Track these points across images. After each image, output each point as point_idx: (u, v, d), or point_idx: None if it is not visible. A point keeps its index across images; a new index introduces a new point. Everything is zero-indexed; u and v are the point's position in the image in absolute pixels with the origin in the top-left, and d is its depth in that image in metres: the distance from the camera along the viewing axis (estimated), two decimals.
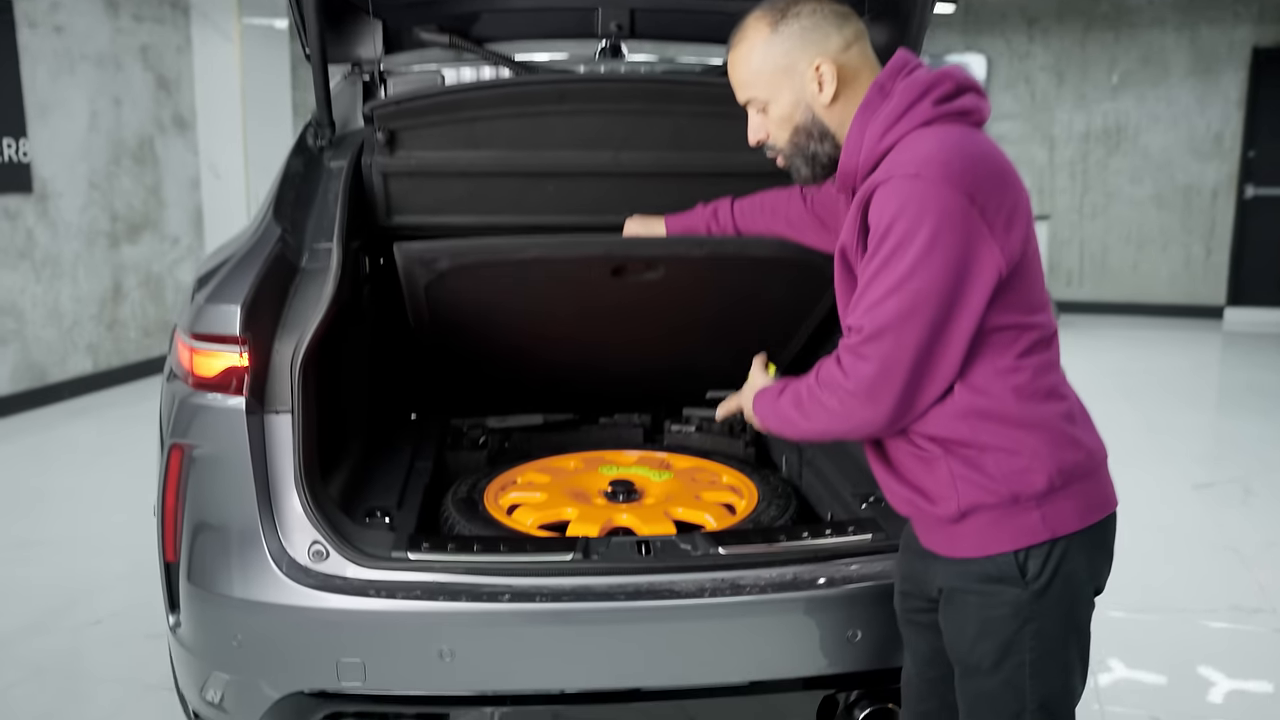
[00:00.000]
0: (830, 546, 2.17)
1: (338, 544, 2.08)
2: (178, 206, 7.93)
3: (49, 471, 5.45)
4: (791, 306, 2.78)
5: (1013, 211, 1.60)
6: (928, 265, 1.53)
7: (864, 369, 1.61)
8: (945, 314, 1.57)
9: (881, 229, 1.59)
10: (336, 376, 2.47)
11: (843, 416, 1.67)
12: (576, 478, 2.81)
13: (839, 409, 1.67)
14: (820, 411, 1.70)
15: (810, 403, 1.72)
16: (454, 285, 2.46)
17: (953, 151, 1.59)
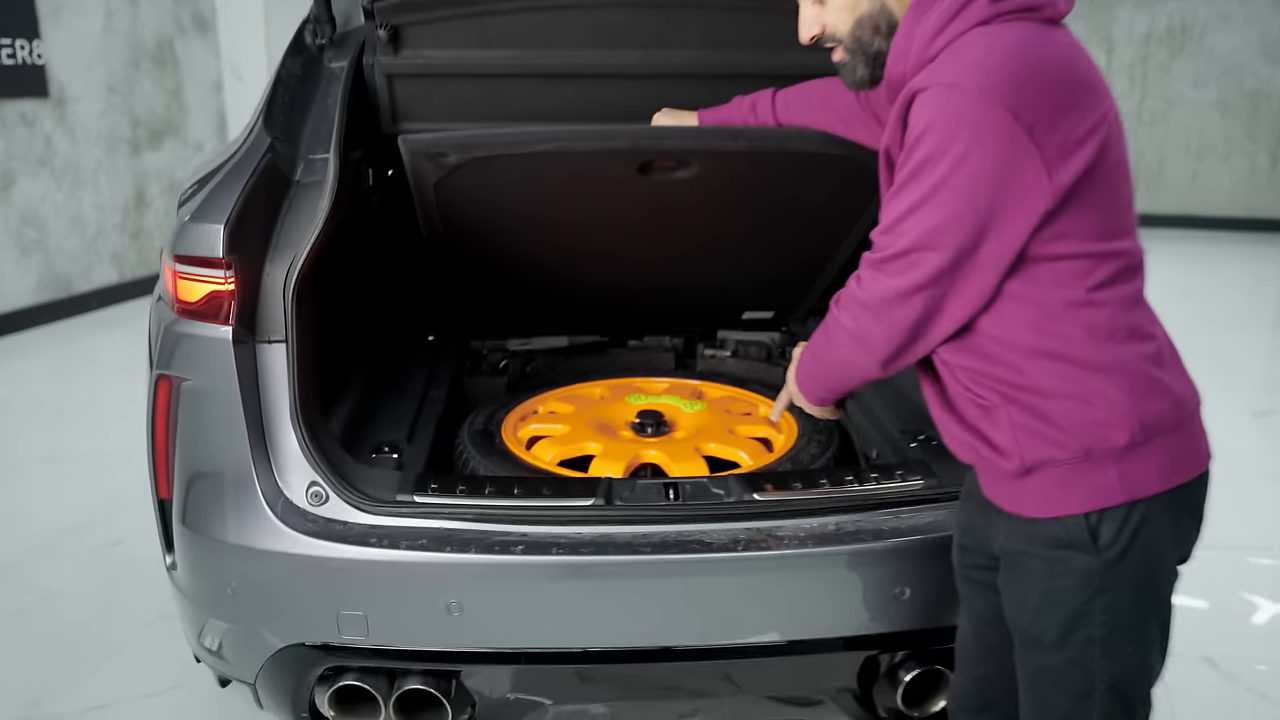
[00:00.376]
0: (878, 494, 1.97)
1: (338, 486, 1.91)
2: (200, 111, 7.70)
3: (74, 385, 5.35)
4: (838, 210, 2.53)
5: (1080, 131, 1.37)
6: (954, 186, 1.36)
7: (879, 284, 1.46)
8: (973, 240, 1.39)
9: (912, 140, 1.40)
10: (339, 299, 2.28)
11: (856, 337, 1.52)
12: (602, 408, 2.61)
13: (853, 327, 1.52)
14: (839, 334, 1.56)
15: (833, 327, 1.57)
16: (465, 184, 2.23)
17: (1001, 59, 1.36)
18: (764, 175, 2.33)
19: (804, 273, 2.85)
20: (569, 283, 2.76)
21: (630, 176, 2.25)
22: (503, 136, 2.10)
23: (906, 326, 1.47)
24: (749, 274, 2.83)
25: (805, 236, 2.63)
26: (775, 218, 2.52)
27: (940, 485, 1.99)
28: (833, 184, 2.36)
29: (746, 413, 2.61)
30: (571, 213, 2.43)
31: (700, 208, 2.44)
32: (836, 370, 1.65)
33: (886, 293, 1.46)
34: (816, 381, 1.73)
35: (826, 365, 1.66)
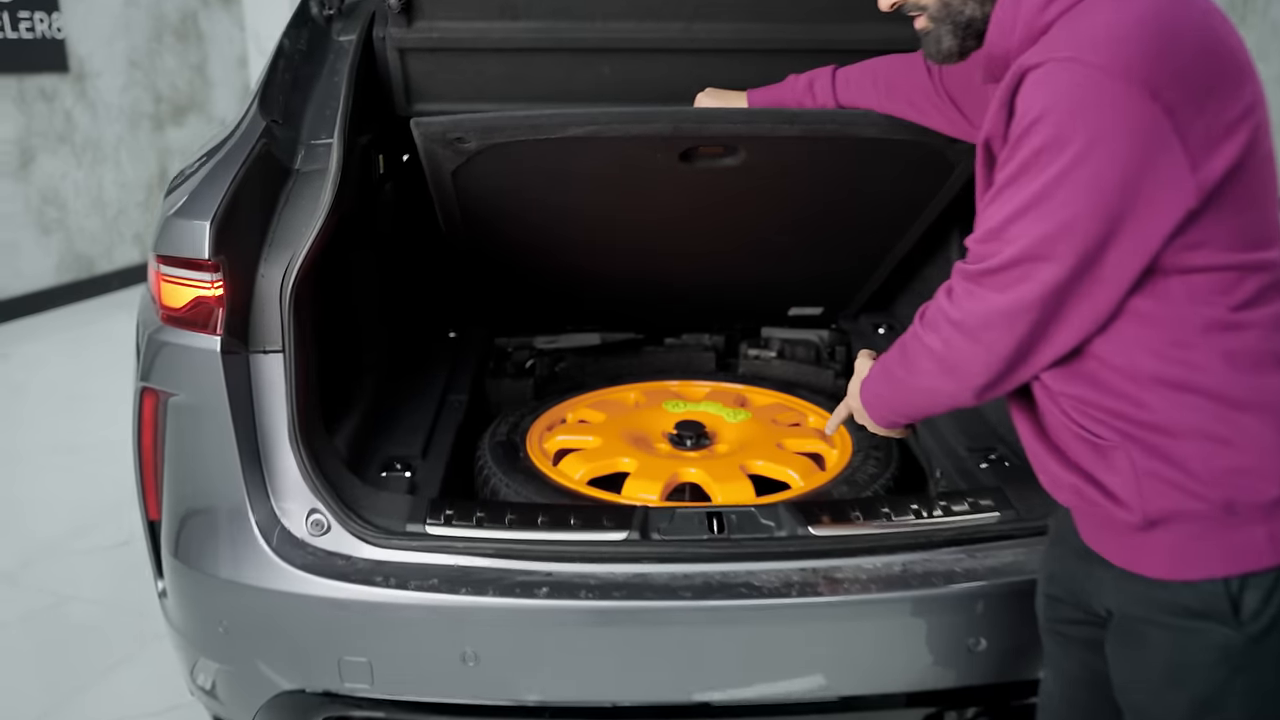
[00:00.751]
0: (949, 529, 1.74)
1: (341, 514, 1.70)
2: (224, 86, 7.51)
3: (88, 369, 5.19)
4: (902, 200, 2.28)
5: (1230, 115, 1.13)
6: (1075, 183, 1.13)
7: (979, 301, 1.24)
8: (1096, 249, 1.15)
9: (1023, 127, 1.16)
10: (345, 301, 2.06)
11: (946, 362, 1.30)
12: (637, 416, 2.39)
13: (943, 350, 1.30)
14: (924, 357, 1.34)
15: (915, 348, 1.36)
16: (486, 171, 2.01)
17: (1133, 26, 1.12)
18: (820, 163, 2.08)
19: (859, 267, 2.60)
20: (601, 277, 2.53)
21: (671, 164, 2.02)
22: (528, 119, 1.87)
23: (1009, 351, 1.24)
24: (797, 268, 2.59)
25: (863, 229, 2.38)
26: (831, 209, 2.28)
27: (1020, 519, 1.76)
28: (898, 172, 2.12)
29: (795, 423, 2.38)
30: (605, 203, 2.20)
31: (747, 198, 2.20)
32: (916, 396, 1.42)
33: (988, 311, 1.22)
34: (889, 406, 1.50)
35: (905, 390, 1.43)
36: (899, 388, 1.44)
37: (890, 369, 1.45)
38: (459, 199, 2.11)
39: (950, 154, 2.01)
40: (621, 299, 2.67)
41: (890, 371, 1.45)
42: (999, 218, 1.19)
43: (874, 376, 1.52)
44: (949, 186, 2.17)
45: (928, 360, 1.33)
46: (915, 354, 1.36)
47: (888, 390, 1.48)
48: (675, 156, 2.01)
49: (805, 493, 2.02)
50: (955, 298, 1.27)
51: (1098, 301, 1.18)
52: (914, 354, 1.36)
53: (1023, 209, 1.17)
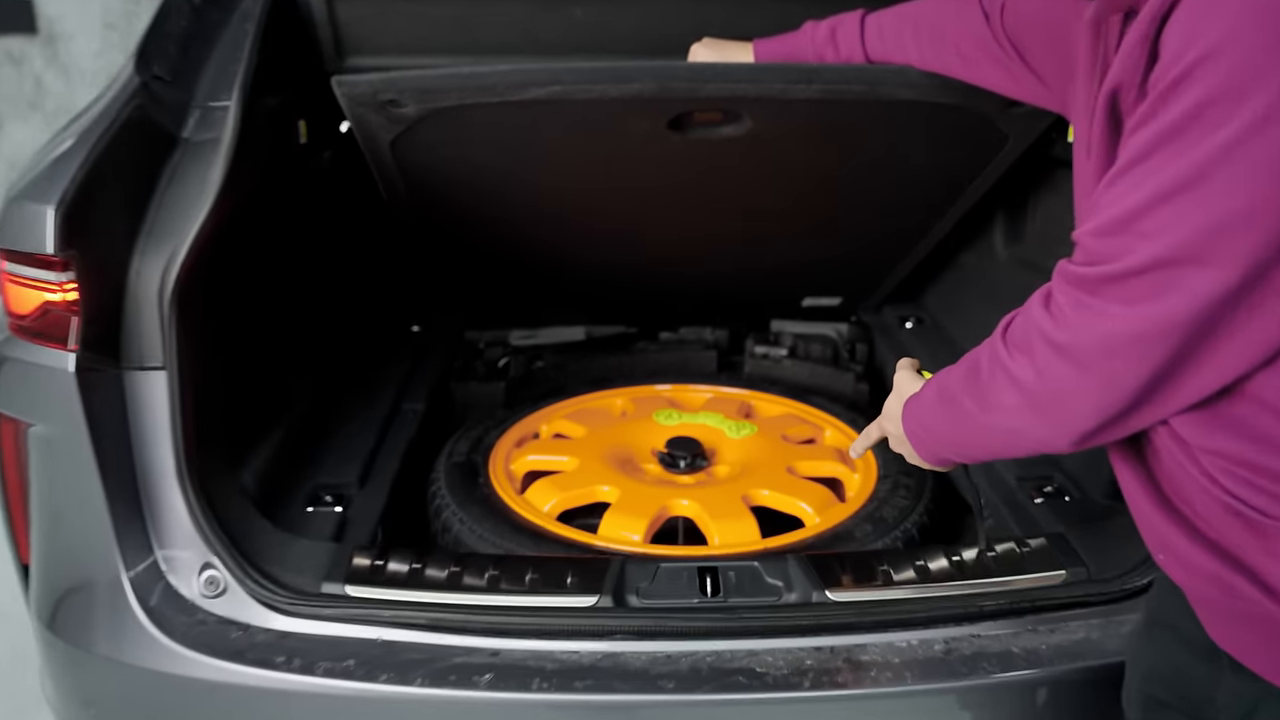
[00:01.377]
0: (1003, 592, 1.39)
1: (240, 569, 1.36)
2: None
3: None
4: (942, 175, 1.90)
5: None
6: (1254, 157, 0.77)
7: (1096, 318, 0.88)
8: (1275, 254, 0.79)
9: (1176, 73, 0.79)
10: (262, 297, 1.70)
11: (1040, 399, 0.95)
12: (623, 429, 2.03)
13: (1034, 381, 0.94)
14: (1006, 388, 0.98)
15: (992, 373, 1.00)
16: (432, 142, 1.65)
17: None
18: (843, 132, 1.71)
19: (885, 253, 2.23)
20: (583, 261, 2.16)
21: (658, 133, 1.65)
22: (477, 78, 1.50)
23: (1134, 387, 0.88)
24: (812, 251, 2.22)
25: (893, 211, 2.01)
26: (854, 187, 1.90)
27: (1092, 579, 1.40)
28: (938, 144, 1.74)
29: (809, 439, 2.02)
30: (581, 179, 1.83)
31: (753, 174, 1.83)
32: (988, 436, 1.06)
33: (1109, 333, 0.87)
34: (944, 442, 1.14)
35: (971, 427, 1.06)
36: (963, 422, 1.07)
37: (952, 395, 1.08)
38: (403, 174, 1.74)
39: (1003, 122, 1.64)
40: (609, 286, 2.31)
41: (952, 399, 1.08)
42: (1130, 203, 0.83)
43: (926, 402, 1.16)
44: (999, 161, 1.79)
45: (1012, 393, 0.97)
46: (994, 382, 1.00)
47: (946, 424, 1.12)
48: (663, 124, 1.64)
49: (821, 533, 1.66)
50: (1058, 311, 0.90)
51: (1269, 324, 0.82)
52: (991, 382, 1.00)
53: (1169, 191, 0.80)
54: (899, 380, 1.27)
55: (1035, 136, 1.71)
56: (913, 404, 1.18)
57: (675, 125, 1.65)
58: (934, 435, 1.15)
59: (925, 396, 1.16)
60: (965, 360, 1.07)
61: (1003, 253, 2.17)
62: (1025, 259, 2.10)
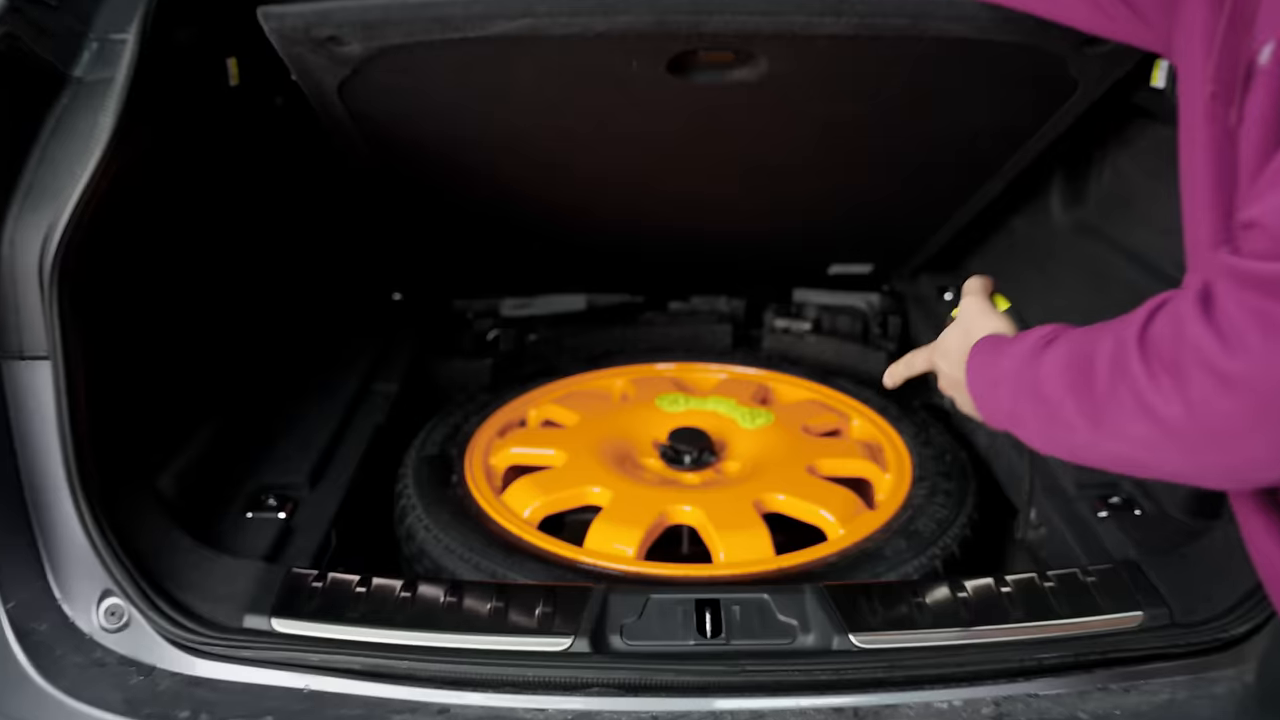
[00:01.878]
0: (1066, 638, 1.14)
1: (143, 598, 1.13)
2: None
3: None
4: (996, 129, 1.62)
5: None
6: None
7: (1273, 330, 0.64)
8: None
9: None
10: (180, 267, 1.46)
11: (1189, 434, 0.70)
12: (621, 416, 1.80)
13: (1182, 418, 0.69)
14: (1135, 417, 0.73)
15: (1114, 391, 0.75)
16: (387, 87, 1.40)
17: None
18: (880, 74, 1.43)
19: (925, 216, 1.95)
20: (579, 222, 1.90)
21: (657, 78, 1.38)
22: (431, 8, 1.23)
23: None
24: (841, 213, 1.95)
25: (936, 167, 1.73)
26: (891, 139, 1.63)
27: (1176, 623, 1.15)
28: (995, 88, 1.47)
29: (833, 430, 1.77)
30: (568, 130, 1.57)
31: (771, 125, 1.56)
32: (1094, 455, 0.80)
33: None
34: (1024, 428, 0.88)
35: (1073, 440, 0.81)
36: (1061, 431, 0.82)
37: (1047, 396, 0.83)
38: (357, 125, 1.49)
39: (1076, 64, 1.36)
40: (609, 248, 2.04)
41: (1046, 400, 0.83)
42: None
43: (1006, 379, 0.90)
44: (1065, 112, 1.51)
45: (1144, 423, 0.72)
46: (1117, 403, 0.75)
47: (1034, 419, 0.86)
48: (662, 66, 1.37)
49: (845, 549, 1.42)
50: (1229, 325, 0.65)
51: None
52: (1113, 401, 0.75)
53: None
54: (967, 310, 1.03)
55: (1112, 82, 1.42)
56: (985, 362, 0.93)
57: (677, 68, 1.38)
58: (1012, 418, 0.89)
59: (1006, 368, 0.90)
60: (1068, 348, 0.81)
61: (1061, 217, 1.88)
62: (1087, 224, 1.82)
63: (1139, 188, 1.66)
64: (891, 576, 1.35)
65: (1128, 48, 1.25)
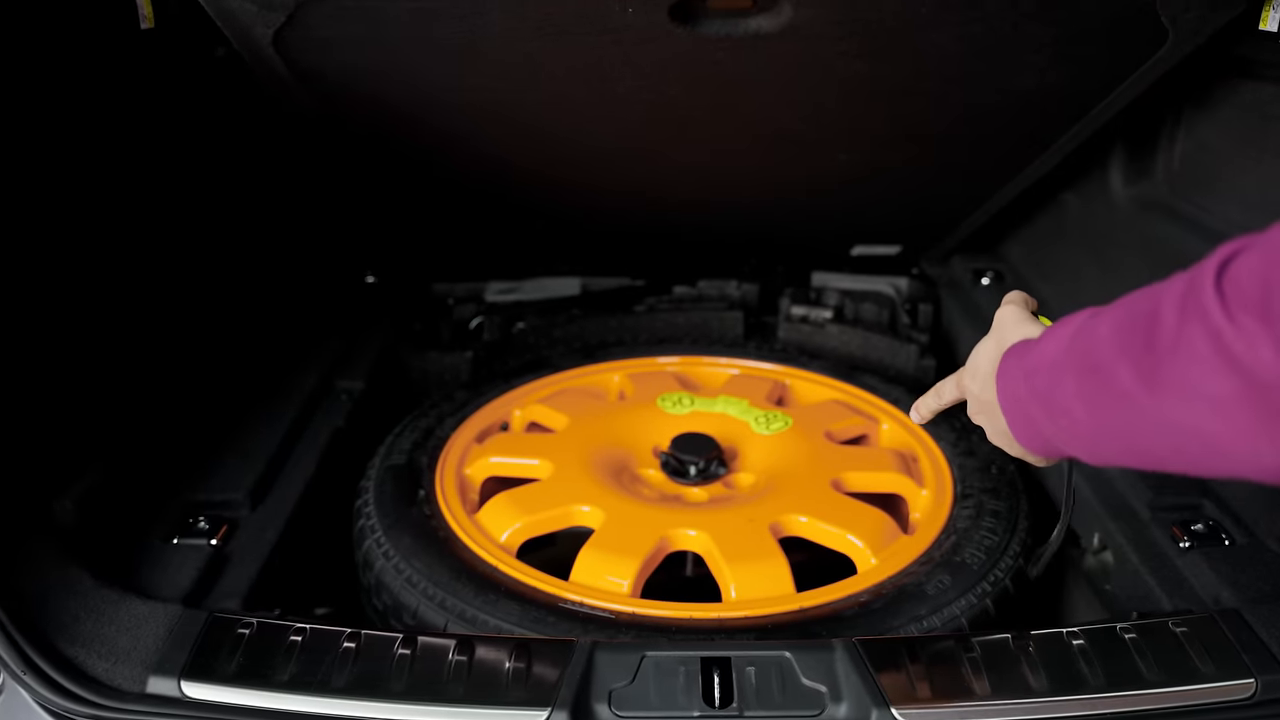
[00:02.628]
0: (1156, 714, 0.92)
1: (20, 658, 0.92)
2: None
3: None
4: (1062, 90, 1.38)
5: None
6: None
7: None
8: None
9: None
10: (76, 247, 1.23)
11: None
12: (617, 418, 1.58)
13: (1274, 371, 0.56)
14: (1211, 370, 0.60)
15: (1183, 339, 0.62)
16: (331, 39, 1.18)
17: None
18: (924, 24, 1.20)
19: (967, 190, 1.72)
20: (571, 195, 1.68)
21: (657, 26, 1.15)
22: None
23: None
24: (867, 188, 1.72)
25: (985, 136, 1.50)
26: (933, 103, 1.40)
27: None
28: (1067, 41, 1.23)
29: (859, 436, 1.54)
30: (552, 89, 1.34)
31: (791, 86, 1.33)
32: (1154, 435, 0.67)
33: None
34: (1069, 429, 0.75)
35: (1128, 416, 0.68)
36: (1114, 407, 0.68)
37: (1097, 360, 0.70)
38: (302, 84, 1.26)
39: (1169, 9, 1.13)
40: (607, 225, 1.82)
41: (1096, 367, 0.70)
42: None
43: (1046, 360, 0.77)
44: (1149, 70, 1.27)
45: (1223, 377, 0.59)
46: (1186, 354, 0.62)
47: (1080, 402, 0.72)
48: (663, 11, 1.14)
49: (880, 583, 1.20)
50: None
51: None
52: (1181, 352, 0.62)
53: None
54: (1001, 320, 0.90)
55: (1211, 33, 1.18)
56: (1019, 359, 0.81)
57: (681, 14, 1.15)
58: (1056, 417, 0.76)
59: (1046, 351, 0.78)
60: (1126, 304, 0.70)
61: (1121, 191, 1.64)
62: (1155, 201, 1.58)
63: (1223, 157, 1.42)
64: (935, 620, 1.13)
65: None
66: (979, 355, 0.90)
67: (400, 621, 1.17)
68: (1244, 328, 0.58)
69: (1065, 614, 1.36)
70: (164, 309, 1.37)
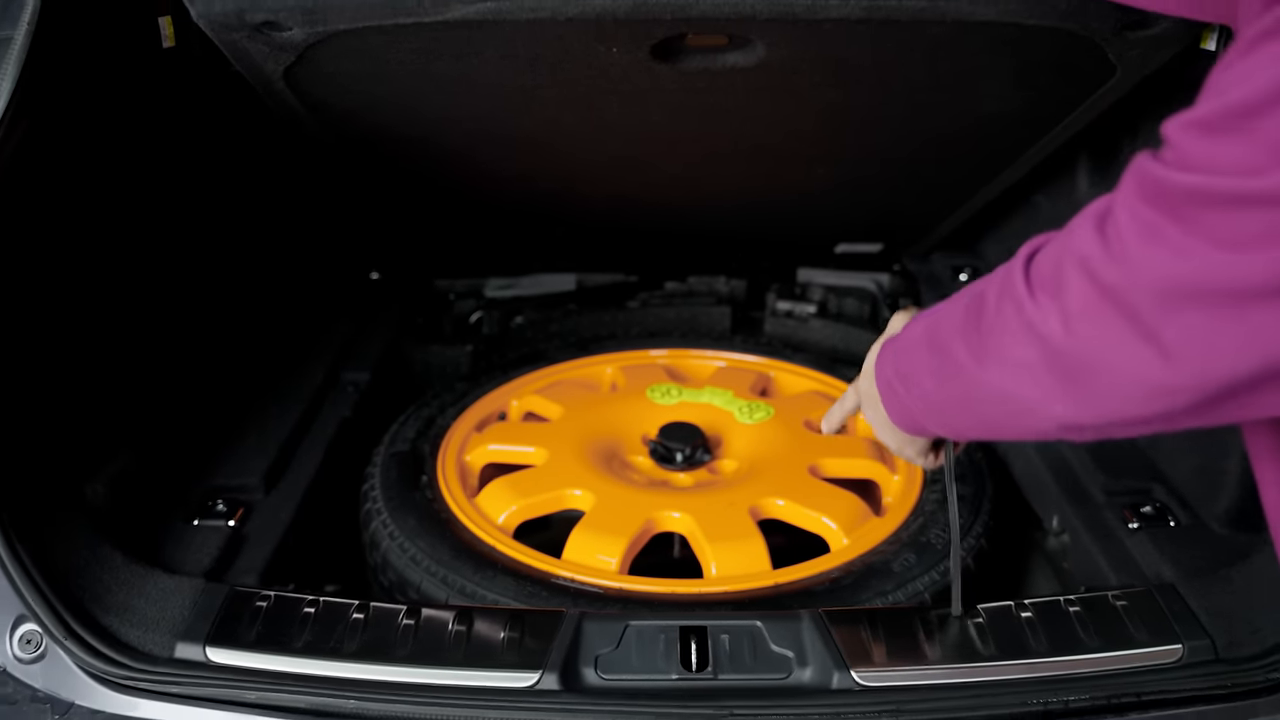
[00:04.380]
0: (1093, 676, 1.01)
1: (61, 624, 1.02)
2: None
3: None
4: (1023, 116, 1.48)
5: None
6: None
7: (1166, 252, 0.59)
8: None
9: None
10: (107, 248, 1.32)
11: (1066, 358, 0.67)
12: (609, 409, 1.66)
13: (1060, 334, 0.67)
14: (1017, 339, 0.71)
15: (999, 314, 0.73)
16: (338, 73, 1.26)
17: None
18: (893, 61, 1.29)
19: (940, 198, 1.82)
20: (566, 204, 1.77)
21: (640, 65, 1.24)
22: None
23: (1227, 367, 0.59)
24: (849, 196, 1.81)
25: (953, 154, 1.60)
26: (905, 127, 1.49)
27: (1220, 658, 1.02)
28: (1023, 75, 1.33)
29: None
30: (546, 118, 1.42)
31: (770, 113, 1.43)
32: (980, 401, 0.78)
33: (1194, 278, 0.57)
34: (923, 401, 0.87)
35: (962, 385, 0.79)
36: (952, 377, 0.80)
37: (941, 338, 0.81)
38: (310, 112, 1.35)
39: (1115, 49, 1.22)
40: (600, 228, 1.91)
41: (941, 344, 0.81)
42: (1263, 82, 0.53)
43: (907, 344, 0.89)
44: (1100, 98, 1.37)
45: (1025, 344, 0.70)
46: (1001, 325, 0.72)
47: (929, 375, 0.84)
48: (645, 51, 1.22)
49: (849, 561, 1.29)
50: (1115, 236, 0.61)
51: None
52: (998, 324, 0.72)
53: None
54: (890, 324, 1.00)
55: (1154, 68, 1.28)
56: (890, 346, 0.92)
57: (662, 53, 1.24)
58: (912, 390, 0.87)
59: (908, 336, 0.89)
60: (967, 292, 0.80)
61: (1087, 193, 1.73)
62: None
63: None
64: (900, 595, 1.22)
65: (1177, 28, 1.13)
66: (868, 357, 0.99)
67: (405, 596, 1.26)
68: (1040, 304, 0.68)
69: (1026, 590, 1.45)
70: (184, 308, 1.47)
